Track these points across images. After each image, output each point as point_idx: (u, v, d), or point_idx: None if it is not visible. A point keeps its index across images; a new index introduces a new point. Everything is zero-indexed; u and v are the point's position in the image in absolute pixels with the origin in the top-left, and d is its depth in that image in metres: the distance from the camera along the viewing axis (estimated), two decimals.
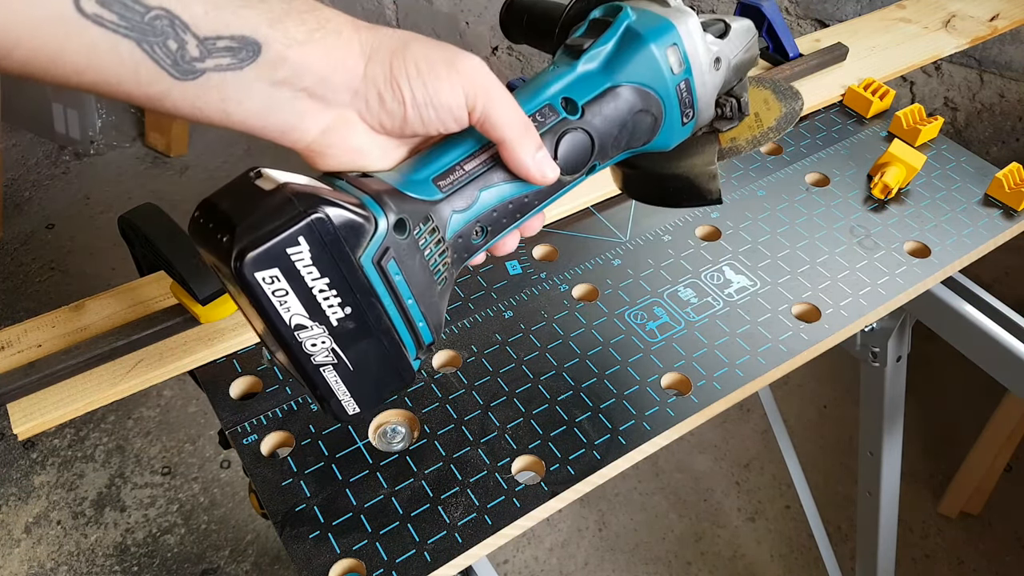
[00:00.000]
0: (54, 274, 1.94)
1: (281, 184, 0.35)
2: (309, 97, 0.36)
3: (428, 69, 0.37)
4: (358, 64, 0.36)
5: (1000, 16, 1.00)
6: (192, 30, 0.31)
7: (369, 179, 0.39)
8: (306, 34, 0.34)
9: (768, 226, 0.73)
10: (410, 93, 0.37)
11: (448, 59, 0.37)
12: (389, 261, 0.38)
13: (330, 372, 0.39)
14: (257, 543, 1.48)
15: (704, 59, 0.47)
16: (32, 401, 0.57)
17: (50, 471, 1.58)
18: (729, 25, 0.49)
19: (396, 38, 0.37)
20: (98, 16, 0.29)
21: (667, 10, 0.46)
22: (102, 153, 2.25)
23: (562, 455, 0.55)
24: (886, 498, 1.08)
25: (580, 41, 0.46)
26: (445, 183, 0.41)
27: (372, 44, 0.36)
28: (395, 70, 0.36)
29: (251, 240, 0.34)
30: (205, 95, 0.33)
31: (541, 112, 0.43)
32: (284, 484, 0.53)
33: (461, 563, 0.50)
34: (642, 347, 0.63)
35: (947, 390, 1.69)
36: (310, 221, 0.35)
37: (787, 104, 0.57)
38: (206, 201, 0.37)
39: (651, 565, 1.46)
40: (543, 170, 0.41)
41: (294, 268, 0.35)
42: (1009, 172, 0.75)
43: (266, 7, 0.33)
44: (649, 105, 0.46)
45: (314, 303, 0.37)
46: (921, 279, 0.68)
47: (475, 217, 0.42)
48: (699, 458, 1.62)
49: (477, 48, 1.96)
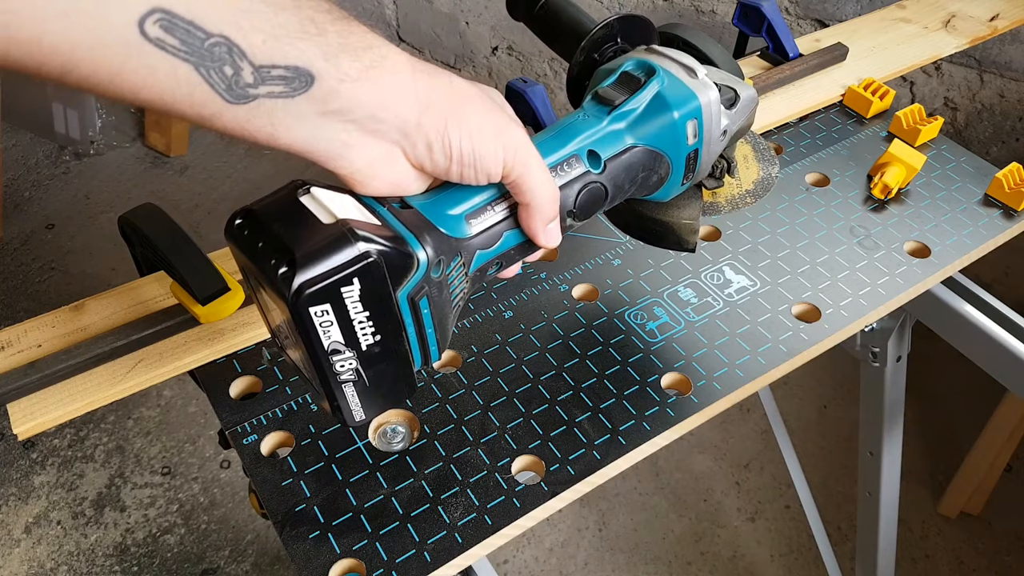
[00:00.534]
0: (54, 274, 1.94)
1: (339, 220, 0.37)
2: (358, 130, 0.37)
3: (479, 135, 0.39)
4: (412, 111, 0.38)
5: (1000, 16, 1.00)
6: (248, 57, 0.32)
7: (409, 211, 0.41)
8: (360, 71, 0.35)
9: (768, 226, 0.73)
10: (459, 152, 0.39)
11: (497, 129, 0.40)
12: (422, 298, 0.41)
13: (349, 388, 0.42)
14: (257, 543, 1.48)
15: (715, 132, 0.51)
16: (32, 401, 0.57)
17: (50, 471, 1.58)
18: (739, 96, 0.52)
19: (453, 95, 0.39)
20: (160, 40, 0.30)
21: (694, 82, 0.49)
22: (102, 153, 2.25)
23: (562, 455, 0.55)
24: (886, 498, 1.08)
25: (612, 95, 0.48)
26: (476, 222, 0.43)
27: (429, 95, 0.38)
28: (450, 130, 0.39)
29: (312, 277, 0.36)
30: (255, 119, 0.34)
31: (568, 162, 0.46)
32: (284, 484, 0.53)
33: (461, 563, 0.50)
34: (642, 347, 0.63)
35: (947, 390, 1.69)
36: (367, 264, 0.37)
37: (765, 168, 0.61)
38: (249, 211, 0.39)
39: (651, 565, 1.46)
40: (550, 239, 0.45)
41: (343, 303, 0.38)
42: (1009, 172, 0.75)
43: (323, 41, 0.34)
44: (660, 167, 0.50)
45: (351, 331, 0.39)
46: (921, 279, 0.68)
47: (497, 255, 0.45)
48: (699, 458, 1.62)
49: (477, 48, 1.96)
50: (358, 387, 0.42)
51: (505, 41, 1.92)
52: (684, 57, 0.50)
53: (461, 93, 0.40)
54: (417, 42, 2.04)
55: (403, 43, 2.06)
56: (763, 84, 0.85)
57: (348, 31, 0.35)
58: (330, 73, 0.34)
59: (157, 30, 0.30)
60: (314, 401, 0.58)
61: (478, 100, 0.40)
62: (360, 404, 0.43)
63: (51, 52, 0.29)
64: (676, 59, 0.50)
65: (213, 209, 2.11)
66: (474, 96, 0.40)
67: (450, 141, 0.39)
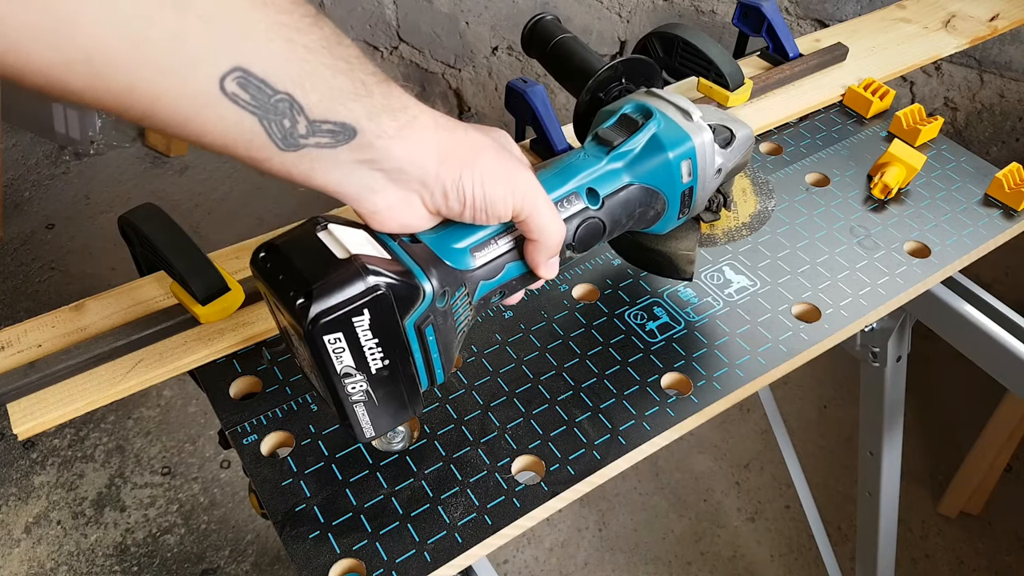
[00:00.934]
0: (54, 274, 1.94)
1: (353, 255, 0.41)
2: (384, 177, 0.41)
3: (491, 183, 0.43)
4: (431, 163, 0.42)
5: (1000, 16, 1.00)
6: (305, 113, 0.36)
7: (418, 245, 0.45)
8: (396, 130, 0.40)
9: (768, 226, 0.73)
10: (471, 198, 0.43)
11: (507, 176, 0.44)
12: (428, 326, 0.45)
13: (360, 407, 0.45)
14: (257, 543, 1.48)
15: (710, 170, 0.54)
16: (32, 401, 0.57)
17: (50, 471, 1.58)
18: (734, 135, 0.55)
19: (468, 147, 0.43)
20: (235, 95, 0.34)
21: (689, 124, 0.52)
22: (102, 153, 2.25)
23: (562, 455, 0.55)
24: (886, 498, 1.08)
25: (611, 137, 0.52)
26: (480, 254, 0.47)
27: (448, 148, 0.42)
28: (464, 179, 0.43)
29: (326, 308, 0.40)
30: (298, 163, 0.38)
31: (568, 199, 0.50)
32: (284, 484, 0.53)
33: (461, 563, 0.50)
34: (642, 347, 0.63)
35: (947, 390, 1.69)
36: (376, 296, 0.41)
37: (762, 201, 0.64)
38: (272, 245, 0.43)
39: (651, 565, 1.46)
40: (550, 272, 0.49)
41: (354, 332, 0.41)
42: (1009, 172, 0.75)
43: (369, 102, 0.38)
44: (656, 203, 0.53)
45: (362, 357, 0.43)
46: (921, 279, 0.68)
47: (499, 285, 0.48)
48: (699, 458, 1.62)
49: (477, 48, 1.96)
50: (368, 407, 0.45)
51: (505, 41, 1.92)
52: (681, 100, 0.53)
53: (476, 144, 0.43)
54: (417, 42, 2.04)
55: (403, 43, 2.06)
56: (763, 84, 0.85)
57: (389, 92, 0.40)
58: (371, 130, 0.39)
59: (234, 86, 0.34)
60: (315, 402, 0.58)
61: (491, 150, 0.44)
62: (370, 422, 0.46)
63: (138, 99, 0.33)
64: (673, 102, 0.53)
65: (213, 209, 2.11)
66: (487, 146, 0.44)
67: (464, 189, 0.43)
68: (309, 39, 0.36)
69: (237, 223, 2.07)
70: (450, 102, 2.12)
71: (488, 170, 0.43)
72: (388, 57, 2.12)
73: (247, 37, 0.33)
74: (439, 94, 2.12)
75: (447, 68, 2.05)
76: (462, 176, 0.42)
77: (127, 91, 0.32)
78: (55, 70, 0.30)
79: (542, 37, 0.70)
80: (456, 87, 2.08)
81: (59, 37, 0.29)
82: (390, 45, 2.09)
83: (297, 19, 0.35)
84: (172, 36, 0.31)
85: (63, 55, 0.30)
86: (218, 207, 2.11)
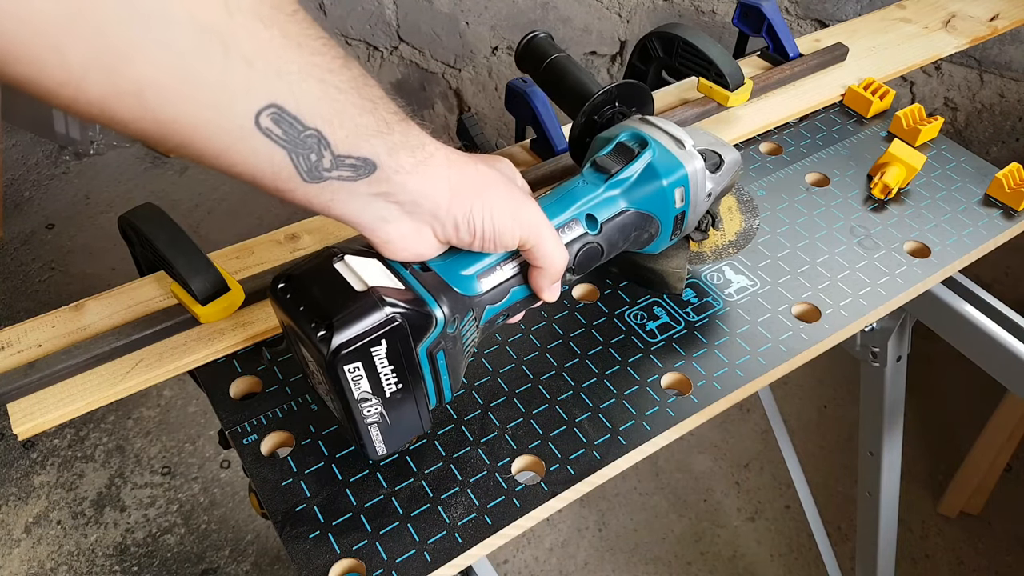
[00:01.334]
0: (54, 274, 1.94)
1: (370, 288, 0.44)
2: (398, 209, 0.43)
3: (499, 215, 0.46)
4: (443, 197, 0.44)
5: (1000, 16, 1.00)
6: (331, 148, 0.38)
7: (428, 274, 0.47)
8: (412, 166, 0.42)
9: (768, 226, 0.73)
10: (481, 230, 0.46)
11: (514, 209, 0.46)
12: (439, 352, 0.47)
13: (374, 428, 0.48)
14: (257, 543, 1.48)
15: (701, 195, 0.57)
16: (32, 401, 0.57)
17: (50, 471, 1.58)
18: (723, 160, 0.57)
19: (478, 182, 0.45)
20: (268, 130, 0.36)
21: (682, 152, 0.55)
22: (102, 153, 2.25)
23: (562, 455, 0.55)
24: (886, 498, 1.08)
25: (609, 165, 0.55)
26: (487, 280, 0.49)
27: (460, 183, 0.44)
28: (474, 212, 0.45)
29: (346, 340, 0.42)
30: (320, 194, 0.40)
31: (569, 225, 0.52)
32: (284, 484, 0.53)
33: (461, 563, 0.50)
34: (642, 347, 0.63)
35: (947, 390, 1.69)
36: (393, 327, 0.43)
37: (747, 219, 0.67)
38: (291, 276, 0.45)
39: (651, 565, 1.46)
40: (552, 295, 0.51)
41: (372, 360, 0.44)
42: (1009, 172, 0.75)
43: (390, 139, 0.41)
44: (651, 227, 0.56)
45: (378, 382, 0.45)
46: (921, 279, 0.68)
47: (504, 308, 0.50)
48: (699, 458, 1.62)
49: (477, 48, 1.96)
50: (382, 427, 0.48)
51: (505, 41, 1.92)
52: (673, 128, 0.56)
53: (485, 179, 0.46)
54: (417, 42, 2.03)
55: (403, 43, 2.06)
56: (763, 84, 0.85)
57: (408, 130, 0.42)
58: (390, 165, 0.41)
59: (268, 121, 0.36)
60: (315, 402, 0.58)
61: (499, 183, 0.47)
62: (383, 441, 0.49)
63: (178, 130, 0.34)
64: (666, 130, 0.56)
65: (213, 209, 2.11)
66: (495, 180, 0.47)
67: (474, 222, 0.45)
68: (340, 79, 0.38)
69: (237, 223, 2.07)
70: (450, 102, 2.12)
71: (497, 203, 0.46)
72: (388, 57, 2.12)
73: (283, 76, 0.35)
74: (439, 94, 2.12)
75: (447, 68, 2.05)
76: (472, 210, 0.45)
77: (170, 122, 0.34)
78: (108, 101, 0.32)
79: (536, 55, 0.73)
80: (456, 87, 2.08)
81: (115, 72, 0.31)
82: (390, 45, 2.09)
83: (329, 60, 0.37)
84: (218, 74, 0.33)
85: (116, 88, 0.32)
86: (218, 207, 2.11)
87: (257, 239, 0.69)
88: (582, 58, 1.87)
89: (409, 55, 2.08)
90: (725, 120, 0.83)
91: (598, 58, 1.86)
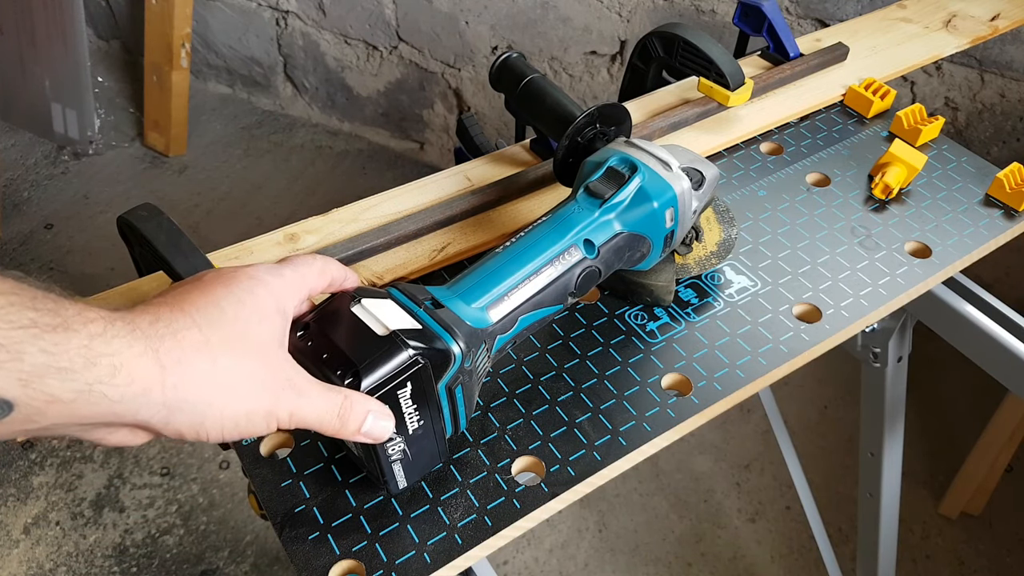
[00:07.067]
0: (53, 274, 1.94)
1: (392, 332, 0.45)
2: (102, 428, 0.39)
3: (244, 421, 0.40)
4: (158, 417, 0.38)
5: (1001, 16, 1.00)
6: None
7: (442, 310, 0.48)
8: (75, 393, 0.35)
9: (769, 226, 0.73)
10: (221, 437, 0.40)
11: (254, 409, 0.40)
12: (457, 387, 0.48)
13: (397, 465, 0.49)
14: (256, 544, 1.48)
15: (688, 213, 0.59)
16: None
17: (49, 472, 1.58)
18: (704, 177, 0.59)
19: (206, 385, 0.39)
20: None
21: (669, 174, 0.57)
22: (101, 153, 2.25)
23: (562, 456, 0.55)
24: (887, 499, 1.08)
25: (602, 190, 0.56)
26: (496, 311, 0.50)
27: (179, 396, 0.38)
28: (208, 426, 0.39)
29: (374, 387, 0.44)
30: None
31: (568, 251, 0.54)
32: (283, 485, 0.53)
33: (461, 564, 0.50)
34: (642, 347, 0.62)
35: (948, 390, 1.69)
36: (416, 369, 0.45)
37: (726, 229, 0.69)
38: (309, 324, 0.46)
39: (651, 566, 1.46)
40: (372, 432, 0.45)
41: (397, 401, 0.45)
42: (1010, 172, 0.75)
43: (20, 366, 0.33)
44: (643, 247, 0.58)
45: (401, 421, 0.46)
46: (922, 279, 0.68)
47: (513, 336, 0.52)
48: (699, 459, 1.62)
49: (477, 48, 1.96)
50: (403, 463, 0.49)
51: (505, 41, 1.92)
52: (659, 151, 0.58)
53: (219, 382, 0.39)
54: (417, 42, 2.03)
55: (403, 43, 2.06)
56: (763, 84, 0.85)
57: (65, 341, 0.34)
58: (32, 397, 0.33)
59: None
60: None
61: (240, 382, 0.39)
62: (404, 476, 0.50)
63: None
64: (653, 153, 0.58)
65: (212, 209, 2.11)
66: (234, 381, 0.39)
67: (209, 435, 0.39)
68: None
69: (236, 223, 2.07)
70: (450, 102, 2.12)
71: (231, 410, 0.39)
72: (388, 57, 2.12)
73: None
74: (439, 94, 2.12)
75: (447, 68, 2.05)
76: (204, 423, 0.38)
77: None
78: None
79: (512, 76, 0.73)
80: (456, 87, 2.08)
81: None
82: (389, 45, 2.09)
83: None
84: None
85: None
86: (217, 207, 2.11)
87: (257, 239, 0.68)
88: (582, 58, 1.87)
89: (409, 55, 2.08)
90: (726, 120, 0.83)
91: (598, 58, 1.86)
